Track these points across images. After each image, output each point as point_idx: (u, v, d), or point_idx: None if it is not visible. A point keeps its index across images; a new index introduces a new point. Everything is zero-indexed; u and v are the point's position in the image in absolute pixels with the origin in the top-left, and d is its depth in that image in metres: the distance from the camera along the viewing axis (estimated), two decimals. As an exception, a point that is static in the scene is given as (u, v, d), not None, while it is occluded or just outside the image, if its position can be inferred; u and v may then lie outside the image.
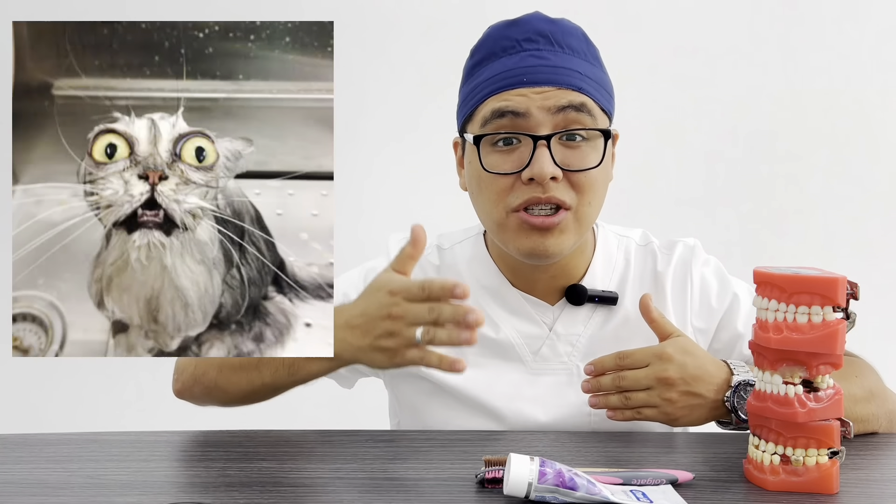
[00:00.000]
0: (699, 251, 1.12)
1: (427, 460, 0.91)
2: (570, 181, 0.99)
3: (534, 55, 1.00)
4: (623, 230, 1.15)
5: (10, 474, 0.86)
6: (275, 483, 0.84)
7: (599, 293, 1.08)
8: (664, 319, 1.00)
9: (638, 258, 1.12)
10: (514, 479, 0.76)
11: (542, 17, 1.03)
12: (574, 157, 0.99)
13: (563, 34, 1.01)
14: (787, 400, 0.80)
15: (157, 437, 0.98)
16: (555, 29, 1.01)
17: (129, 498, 0.79)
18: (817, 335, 0.79)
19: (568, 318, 1.08)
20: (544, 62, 0.99)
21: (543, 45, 1.00)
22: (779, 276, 0.80)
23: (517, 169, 0.98)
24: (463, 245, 1.14)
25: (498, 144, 1.00)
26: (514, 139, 0.99)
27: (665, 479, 0.82)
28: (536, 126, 0.98)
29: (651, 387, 0.95)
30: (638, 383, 0.96)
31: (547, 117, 0.98)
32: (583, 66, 1.01)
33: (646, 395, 0.95)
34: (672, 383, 0.94)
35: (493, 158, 1.00)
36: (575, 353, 1.07)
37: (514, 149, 0.99)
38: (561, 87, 0.99)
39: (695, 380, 0.95)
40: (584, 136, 1.00)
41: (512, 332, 1.07)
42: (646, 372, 0.95)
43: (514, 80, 0.99)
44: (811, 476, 0.81)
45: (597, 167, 1.00)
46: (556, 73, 0.99)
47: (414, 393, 1.10)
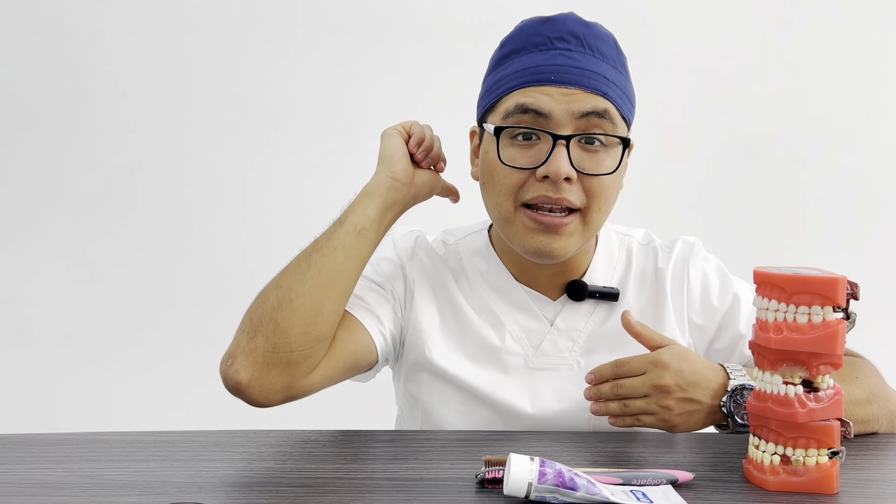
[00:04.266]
0: (699, 248, 1.13)
1: (427, 460, 0.91)
2: (582, 185, 0.99)
3: (564, 54, 1.00)
4: (626, 229, 1.16)
5: (10, 474, 0.86)
6: (275, 483, 0.84)
7: (600, 289, 1.08)
8: (649, 331, 1.00)
9: (640, 256, 1.13)
10: (514, 479, 0.76)
11: (576, 19, 1.03)
12: (590, 162, 0.99)
13: (595, 38, 1.01)
14: (787, 400, 0.80)
15: (157, 437, 0.98)
16: (587, 31, 1.01)
17: (129, 498, 0.79)
18: (817, 335, 0.79)
19: (569, 314, 1.09)
20: (573, 62, 0.99)
21: (575, 45, 1.00)
22: (779, 276, 0.80)
23: (534, 165, 0.99)
24: (467, 240, 1.15)
25: (517, 138, 1.00)
26: (535, 135, 0.99)
27: (665, 479, 0.82)
28: (557, 126, 0.98)
29: (648, 394, 0.95)
30: (635, 391, 0.96)
31: (570, 119, 0.98)
32: (610, 72, 1.01)
33: (644, 402, 0.95)
34: (668, 390, 0.94)
35: (511, 151, 1.00)
36: (575, 349, 1.08)
37: (532, 144, 1.00)
38: (587, 90, 0.99)
39: (691, 385, 0.95)
40: (603, 141, 1.00)
41: (513, 326, 1.08)
42: (642, 380, 0.95)
43: (541, 76, 0.99)
44: (811, 476, 0.81)
45: (611, 174, 1.00)
46: (584, 76, 0.99)
47: (418, 385, 1.11)
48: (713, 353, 1.10)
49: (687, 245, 1.13)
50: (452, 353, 1.08)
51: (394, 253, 1.13)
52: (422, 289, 1.10)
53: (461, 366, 1.08)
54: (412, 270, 1.11)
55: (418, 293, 1.10)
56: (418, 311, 1.09)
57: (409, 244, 1.14)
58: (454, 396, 1.08)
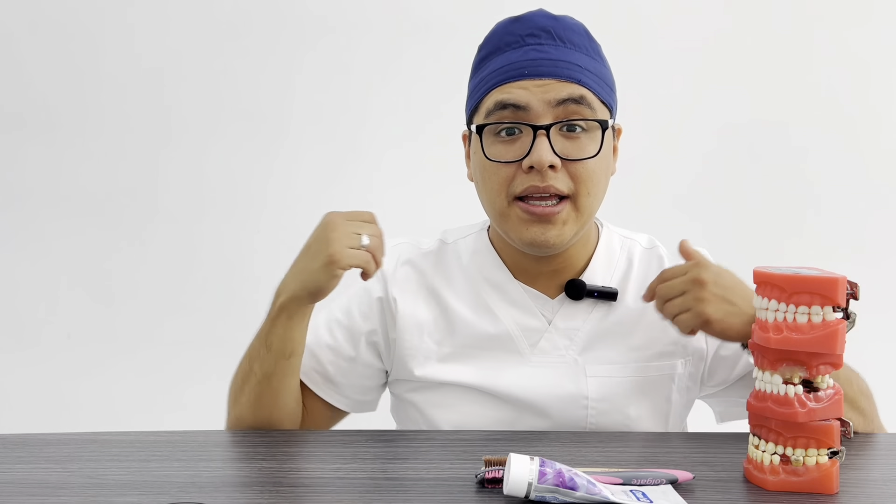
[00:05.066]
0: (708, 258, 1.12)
1: (427, 460, 0.91)
2: (568, 171, 1.01)
3: (535, 49, 1.03)
4: (629, 233, 1.16)
5: (10, 474, 0.86)
6: (275, 483, 0.84)
7: (599, 288, 1.09)
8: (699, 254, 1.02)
9: (643, 261, 1.13)
10: (514, 479, 0.76)
11: (544, 14, 1.06)
12: (573, 148, 1.01)
13: (565, 30, 1.04)
14: (787, 400, 0.80)
15: (157, 437, 0.98)
16: (556, 25, 1.04)
17: (129, 498, 0.79)
18: (817, 335, 0.79)
19: (567, 313, 1.09)
20: (545, 55, 1.02)
21: (545, 39, 1.03)
22: (779, 276, 0.80)
23: (518, 158, 1.01)
24: (466, 240, 1.15)
25: (501, 134, 1.03)
26: (517, 129, 1.02)
27: (665, 479, 0.82)
28: (536, 118, 1.01)
29: (686, 291, 0.98)
30: (673, 289, 0.99)
31: (547, 109, 1.01)
32: (583, 59, 1.03)
33: (681, 300, 0.98)
34: (704, 283, 0.97)
35: (496, 148, 1.03)
36: (573, 347, 1.08)
37: (516, 139, 1.02)
38: (561, 80, 1.01)
39: (727, 289, 0.97)
40: (584, 127, 1.02)
41: (512, 325, 1.08)
42: (682, 278, 0.99)
43: (516, 72, 1.02)
44: (811, 476, 0.81)
45: (594, 157, 1.02)
46: (556, 66, 1.02)
47: (415, 391, 1.11)
48: (718, 359, 1.10)
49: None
50: (445, 359, 1.09)
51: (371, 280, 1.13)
52: (405, 303, 1.10)
53: (454, 370, 1.08)
54: (393, 289, 1.11)
55: (401, 308, 1.10)
56: (403, 329, 1.10)
57: (390, 264, 1.12)
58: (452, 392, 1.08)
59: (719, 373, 1.11)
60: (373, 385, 1.14)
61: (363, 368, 1.12)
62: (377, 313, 1.11)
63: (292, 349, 1.04)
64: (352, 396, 1.13)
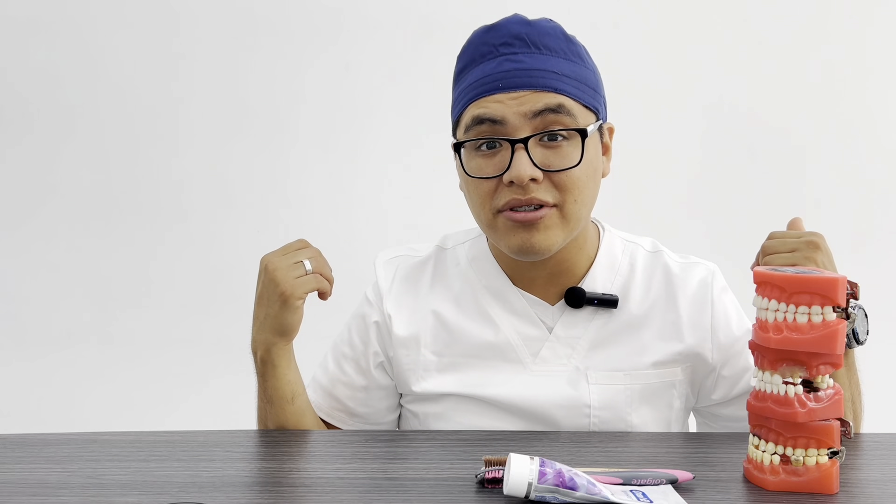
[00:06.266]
0: (719, 276, 1.12)
1: (427, 460, 0.91)
2: (552, 181, 0.99)
3: (510, 59, 1.00)
4: (631, 236, 1.14)
5: (10, 474, 0.86)
6: (275, 483, 0.84)
7: (599, 296, 1.07)
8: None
9: (647, 264, 1.11)
10: (514, 479, 0.75)
11: (518, 20, 1.03)
12: (554, 158, 0.99)
13: (540, 35, 1.01)
14: (787, 400, 0.80)
15: (157, 437, 0.98)
16: (531, 31, 1.01)
17: (129, 498, 0.79)
18: (817, 335, 0.79)
19: (568, 321, 1.08)
20: (520, 66, 1.00)
21: (520, 47, 1.01)
22: (779, 276, 0.80)
23: (498, 172, 0.99)
24: (465, 245, 1.14)
25: (481, 149, 1.01)
26: (497, 143, 1.00)
27: (665, 479, 0.82)
28: (514, 131, 0.99)
29: (797, 249, 0.98)
30: (785, 244, 0.99)
31: (524, 122, 0.98)
32: (560, 65, 1.01)
33: (789, 255, 0.98)
34: (818, 247, 0.98)
35: (477, 163, 1.01)
36: (574, 356, 1.07)
37: (495, 152, 1.00)
38: (536, 90, 0.99)
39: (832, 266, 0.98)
40: (565, 135, 1.00)
41: (512, 333, 1.07)
42: (796, 239, 0.99)
43: (490, 85, 1.00)
44: (811, 476, 0.81)
45: (576, 166, 1.00)
46: (531, 76, 0.99)
47: (415, 402, 1.11)
48: (721, 380, 1.09)
49: (709, 271, 1.11)
50: (445, 370, 1.08)
51: (365, 305, 1.14)
52: (401, 320, 1.11)
53: (455, 380, 1.07)
54: (390, 307, 1.11)
55: (397, 325, 1.10)
56: (399, 346, 1.10)
57: (386, 281, 1.13)
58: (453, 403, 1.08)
59: (718, 390, 1.09)
60: (395, 403, 1.15)
61: (379, 392, 1.13)
62: (375, 336, 1.12)
63: (292, 392, 1.06)
64: (379, 420, 1.14)
